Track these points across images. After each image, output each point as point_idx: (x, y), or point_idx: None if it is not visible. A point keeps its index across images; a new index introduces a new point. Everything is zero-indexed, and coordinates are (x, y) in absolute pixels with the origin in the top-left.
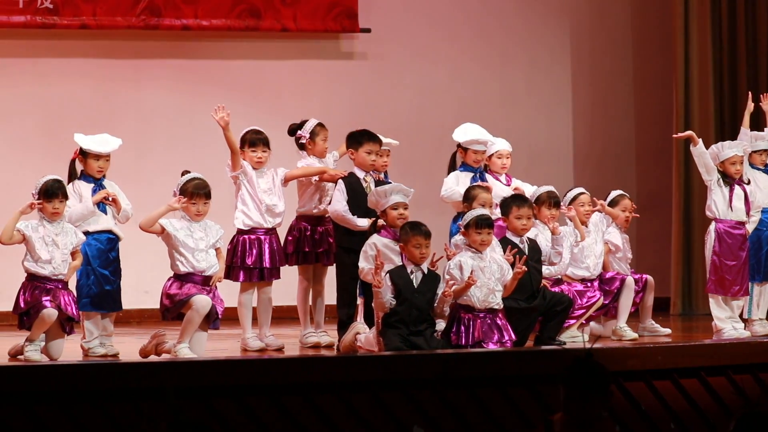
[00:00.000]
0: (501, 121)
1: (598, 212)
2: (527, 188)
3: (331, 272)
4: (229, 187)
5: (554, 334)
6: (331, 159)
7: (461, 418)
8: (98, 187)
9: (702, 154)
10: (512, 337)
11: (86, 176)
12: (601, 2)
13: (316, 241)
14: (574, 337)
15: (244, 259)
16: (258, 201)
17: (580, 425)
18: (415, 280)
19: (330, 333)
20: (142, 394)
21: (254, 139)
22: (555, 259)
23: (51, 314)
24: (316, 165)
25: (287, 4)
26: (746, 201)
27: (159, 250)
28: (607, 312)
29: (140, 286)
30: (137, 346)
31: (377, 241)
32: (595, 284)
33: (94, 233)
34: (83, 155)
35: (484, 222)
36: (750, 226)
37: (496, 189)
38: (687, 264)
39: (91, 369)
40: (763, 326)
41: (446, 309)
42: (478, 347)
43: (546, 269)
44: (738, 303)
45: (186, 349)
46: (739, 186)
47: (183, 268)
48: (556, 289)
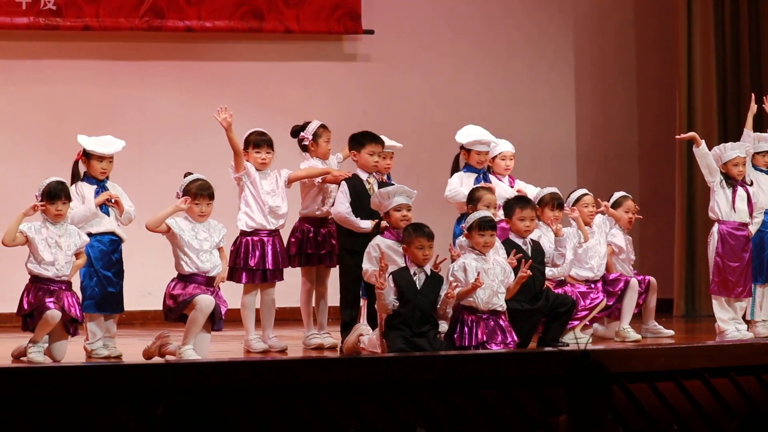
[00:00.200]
0: (504, 122)
1: (601, 214)
2: (530, 190)
3: (334, 274)
4: (232, 188)
5: (557, 336)
6: (334, 160)
7: (464, 419)
8: (101, 188)
9: (705, 155)
10: (515, 339)
11: (89, 178)
12: (603, 4)
13: (319, 243)
14: (577, 338)
15: (247, 261)
16: (261, 202)
17: (583, 426)
18: (418, 281)
19: (333, 334)
20: (145, 395)
21: (258, 141)
22: (558, 260)
23: (54, 316)
24: (319, 166)
25: (290, 5)
26: (749, 202)
27: (162, 252)
28: (611, 313)
29: (143, 288)
30: (140, 348)
31: (380, 242)
32: (598, 286)
33: (97, 235)
34: (86, 156)
35: (486, 224)
36: (753, 228)
37: (500, 191)
38: (690, 265)
39: (94, 370)
40: (765, 327)
41: (449, 310)
42: (481, 349)
43: (549, 271)
44: (741, 304)
45: (191, 351)
46: (741, 187)
47: (187, 269)
48: (560, 291)
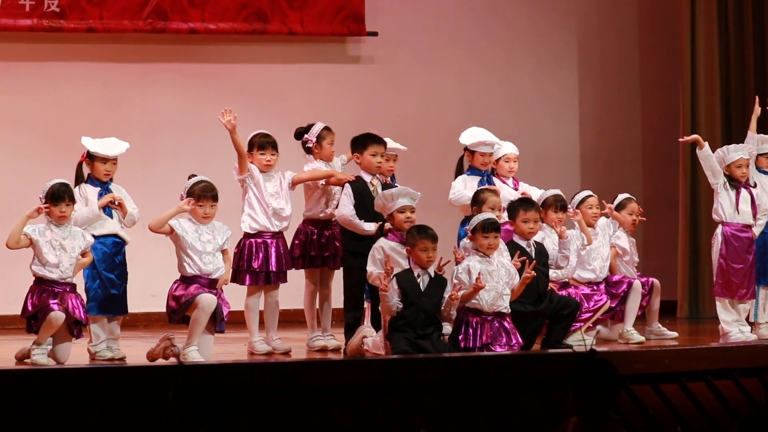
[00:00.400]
0: (508, 124)
1: (605, 216)
2: (535, 192)
3: (337, 276)
4: (235, 190)
5: (561, 338)
6: (338, 163)
7: (468, 421)
8: (104, 190)
9: (708, 157)
10: (519, 341)
11: (93, 180)
12: (608, 5)
13: (323, 245)
14: (580, 340)
15: (251, 263)
16: (265, 204)
17: (590, 426)
18: (422, 283)
19: (337, 336)
20: (149, 397)
21: (263, 142)
22: (562, 262)
23: (58, 317)
24: (323, 169)
25: (294, 7)
26: (753, 204)
27: (166, 254)
28: (614, 315)
29: (147, 290)
30: (144, 350)
31: (384, 244)
32: (602, 288)
33: (100, 237)
34: (90, 158)
35: (490, 226)
36: (756, 230)
37: (504, 193)
38: (694, 267)
39: (97, 372)
40: None
41: (453, 312)
42: (485, 350)
43: (553, 273)
44: (744, 306)
45: (195, 353)
46: (745, 189)
47: (190, 270)
48: (563, 293)
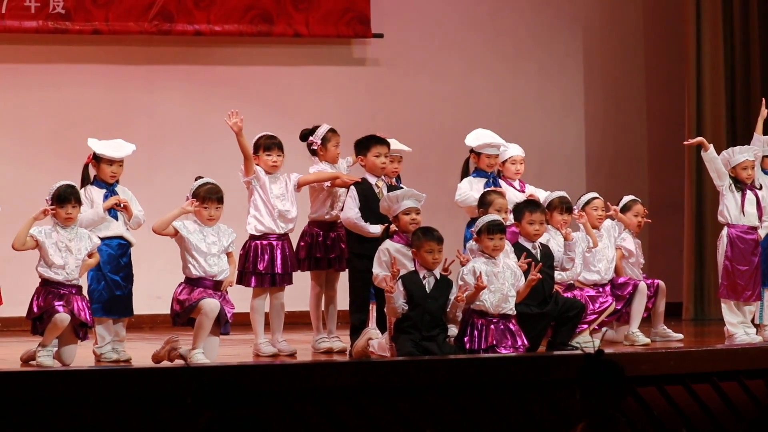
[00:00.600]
0: (513, 126)
1: (610, 218)
2: (541, 194)
3: (343, 278)
4: (241, 192)
5: (567, 340)
6: (344, 164)
7: (473, 423)
8: (110, 192)
9: (713, 159)
10: (525, 343)
11: (99, 181)
12: (613, 7)
13: (328, 247)
14: (586, 342)
15: (256, 265)
16: (270, 206)
17: (598, 427)
18: (428, 285)
19: (342, 338)
20: (154, 399)
21: (268, 144)
22: (567, 264)
23: (63, 319)
24: (328, 171)
25: (300, 9)
26: (758, 206)
27: (171, 256)
28: (620, 317)
29: (152, 292)
30: (149, 352)
31: (390, 246)
32: (607, 289)
33: (105, 239)
34: (96, 160)
35: (495, 227)
36: (762, 231)
37: (509, 195)
38: (699, 269)
39: (103, 374)
40: None
41: (459, 314)
42: (491, 352)
43: (558, 275)
44: (750, 308)
45: (200, 355)
46: (751, 191)
47: (195, 272)
48: (569, 295)
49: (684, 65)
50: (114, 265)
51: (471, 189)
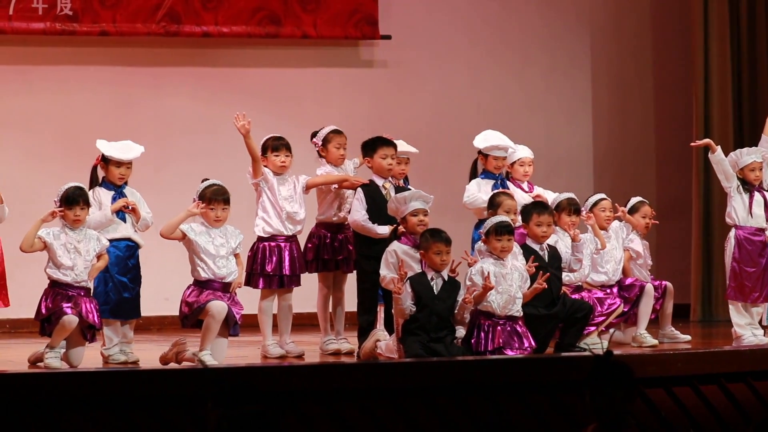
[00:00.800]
0: (521, 128)
1: (618, 220)
2: (549, 195)
3: (351, 279)
4: (249, 194)
5: (575, 341)
6: (351, 166)
7: (481, 425)
8: (118, 194)
9: (721, 161)
10: (532, 344)
11: (107, 183)
12: (620, 9)
13: (336, 249)
14: (594, 343)
15: (264, 266)
16: (279, 208)
17: (608, 428)
18: (436, 286)
19: (350, 340)
20: (162, 401)
21: (276, 144)
22: (575, 266)
23: (71, 321)
24: (334, 173)
25: (308, 10)
26: (766, 208)
27: (179, 257)
28: (627, 319)
29: (160, 293)
30: (157, 353)
31: (397, 248)
32: (614, 291)
33: (113, 241)
34: (105, 162)
35: (503, 229)
36: None
37: (517, 196)
38: (707, 270)
39: (111, 376)
40: None
41: (466, 316)
42: (498, 354)
43: (566, 276)
44: (757, 309)
45: (208, 357)
46: (758, 193)
47: (204, 275)
48: (577, 296)
49: (691, 67)
50: (122, 266)
51: (479, 191)
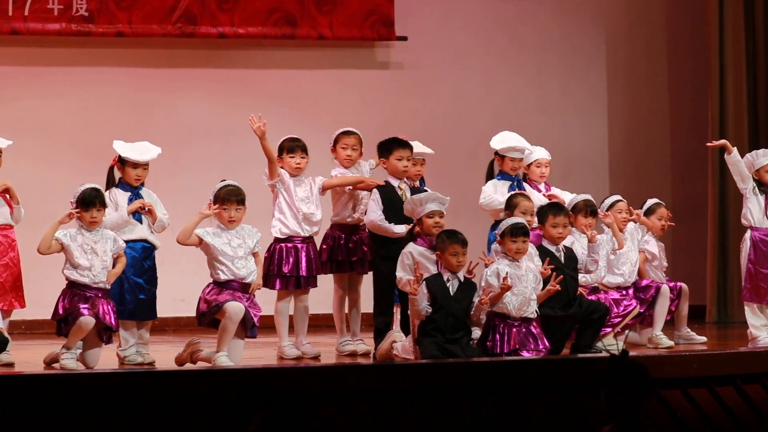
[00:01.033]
0: (537, 129)
1: (633, 222)
2: (566, 197)
3: (366, 280)
4: (265, 195)
5: (591, 342)
6: (366, 167)
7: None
8: (135, 195)
9: (736, 162)
10: (547, 345)
11: (124, 184)
12: (636, 10)
13: (351, 250)
14: (610, 345)
15: (281, 268)
16: (295, 209)
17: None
18: (452, 287)
19: (366, 341)
20: (178, 402)
21: (292, 146)
22: (591, 266)
23: (88, 322)
24: (347, 174)
25: (324, 11)
26: None
27: (195, 259)
28: (643, 320)
29: (176, 294)
30: (173, 355)
31: (413, 250)
32: (630, 292)
33: (129, 242)
34: (122, 163)
35: (519, 230)
36: None
37: (534, 198)
38: (722, 272)
39: (127, 377)
40: None
41: (482, 317)
42: (514, 355)
43: (582, 277)
44: None
45: (225, 358)
46: None
47: (223, 276)
48: (593, 298)
49: (706, 69)
50: (138, 268)
51: (495, 192)
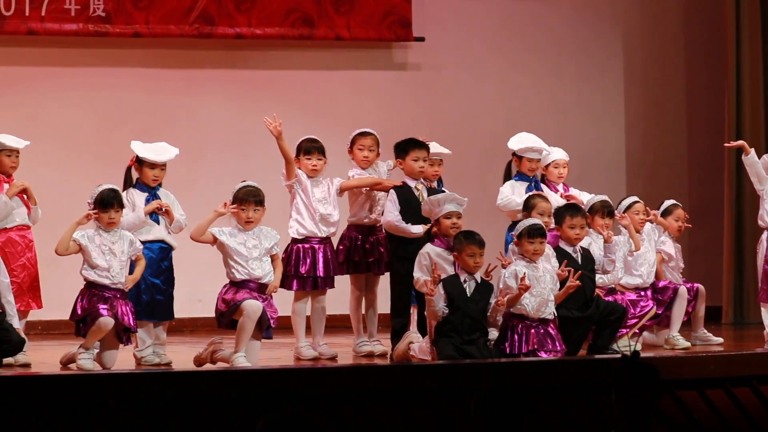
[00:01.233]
0: (553, 130)
1: (650, 223)
2: (585, 198)
3: (383, 281)
4: (283, 195)
5: (608, 344)
6: (384, 168)
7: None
8: (152, 196)
9: (754, 163)
10: (563, 347)
11: (141, 184)
12: (652, 11)
13: (367, 251)
14: (626, 346)
15: (298, 268)
16: (312, 210)
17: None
18: (468, 288)
19: (383, 342)
20: (195, 403)
21: (309, 147)
22: (608, 266)
23: (107, 323)
24: (364, 175)
25: (341, 12)
26: None
27: (212, 259)
28: (660, 321)
29: (193, 295)
30: (190, 355)
31: (430, 250)
32: (648, 293)
33: (147, 243)
34: (139, 163)
35: (536, 231)
36: None
37: (551, 199)
38: (739, 273)
39: (144, 378)
40: None
41: (499, 318)
42: (531, 356)
43: (599, 278)
44: None
45: (243, 359)
46: None
47: (239, 276)
48: (610, 299)
49: (723, 69)
50: (155, 268)
51: (513, 193)
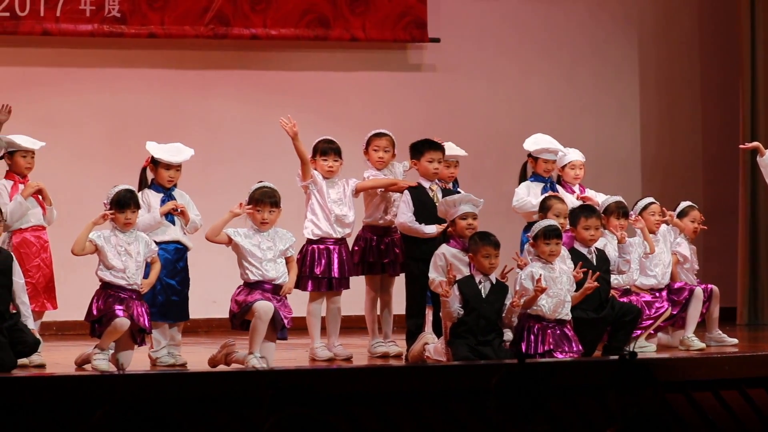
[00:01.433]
0: (569, 131)
1: (666, 224)
2: (601, 199)
3: (398, 282)
4: (298, 196)
5: (623, 344)
6: (400, 169)
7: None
8: (167, 197)
9: None
10: (580, 348)
11: (156, 185)
12: (668, 13)
13: (382, 252)
14: (642, 347)
15: (313, 269)
16: (328, 211)
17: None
18: (484, 290)
19: (398, 343)
20: (210, 404)
21: (325, 148)
22: (623, 267)
23: (123, 324)
24: (379, 176)
25: (357, 13)
26: None
27: (227, 260)
28: (675, 322)
29: (208, 296)
30: (205, 356)
31: (446, 251)
32: (663, 294)
33: (162, 243)
34: (154, 164)
35: (551, 233)
36: None
37: (567, 200)
38: (753, 274)
39: (159, 378)
40: None
41: (514, 319)
42: (548, 356)
43: (614, 279)
44: None
45: (256, 360)
46: None
47: (253, 277)
48: (625, 300)
49: (738, 70)
50: (170, 269)
51: (528, 194)
